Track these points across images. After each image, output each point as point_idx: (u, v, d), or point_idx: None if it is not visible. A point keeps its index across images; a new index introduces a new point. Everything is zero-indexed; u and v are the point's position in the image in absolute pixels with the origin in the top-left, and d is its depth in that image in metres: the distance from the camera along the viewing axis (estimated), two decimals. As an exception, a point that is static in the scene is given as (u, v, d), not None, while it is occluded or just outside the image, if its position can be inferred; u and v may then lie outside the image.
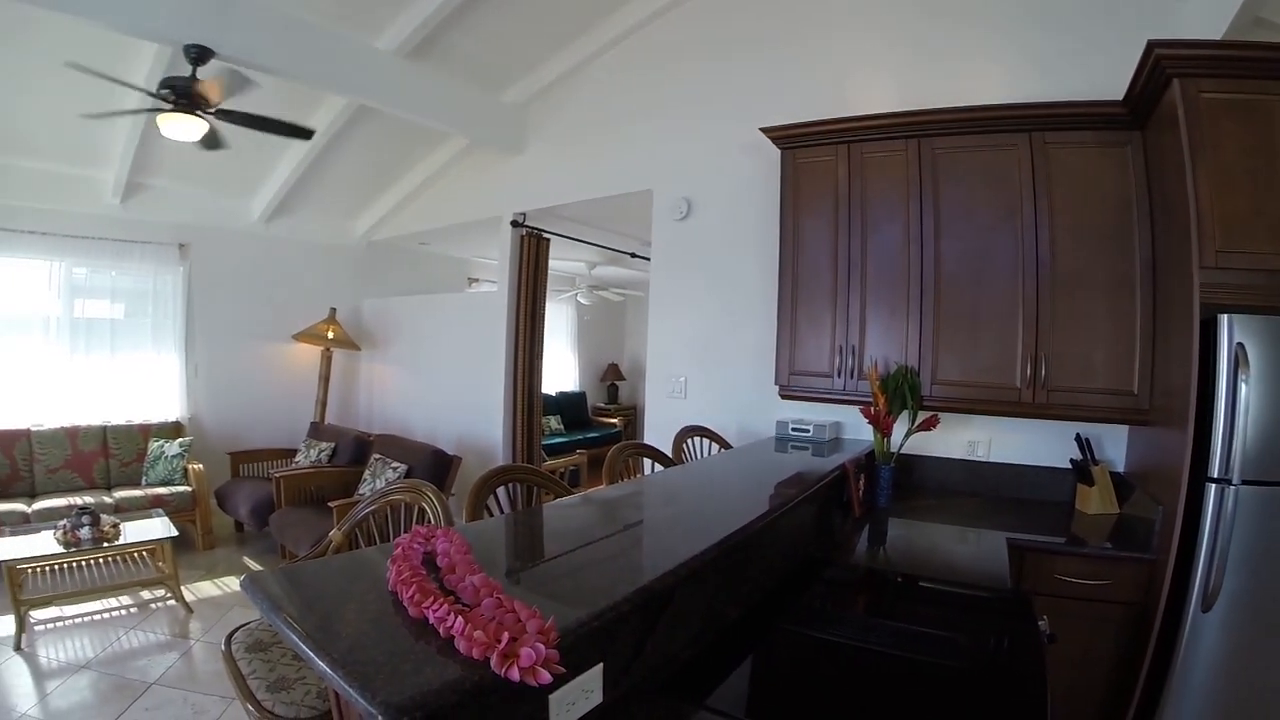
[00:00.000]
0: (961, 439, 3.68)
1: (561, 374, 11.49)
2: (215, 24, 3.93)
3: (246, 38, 4.09)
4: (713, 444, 4.11)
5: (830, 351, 3.65)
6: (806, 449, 3.55)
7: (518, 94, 5.72)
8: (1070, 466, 3.26)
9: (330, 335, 7.32)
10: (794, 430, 3.82)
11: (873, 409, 3.24)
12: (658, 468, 3.45)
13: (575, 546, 1.68)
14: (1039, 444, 3.48)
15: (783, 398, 3.86)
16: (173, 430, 6.38)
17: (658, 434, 4.62)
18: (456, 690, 0.91)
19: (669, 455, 3.62)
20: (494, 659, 0.94)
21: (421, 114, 5.22)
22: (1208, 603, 2.37)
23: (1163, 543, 2.52)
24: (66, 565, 4.36)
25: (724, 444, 4.12)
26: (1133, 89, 2.82)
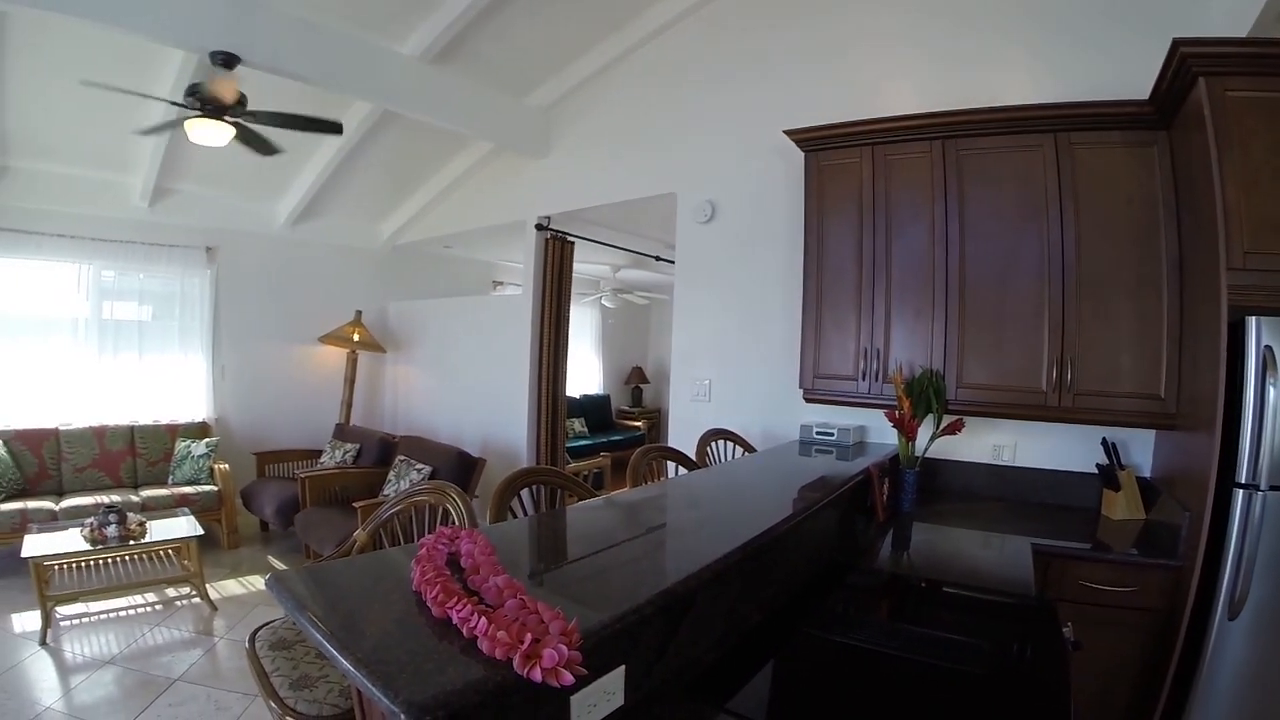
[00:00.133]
0: (986, 443, 3.65)
1: (586, 377, 11.51)
2: (241, 31, 3.99)
3: (273, 44, 4.14)
4: (737, 447, 4.09)
5: (854, 355, 3.63)
6: (830, 453, 3.53)
7: (542, 98, 5.74)
8: (1096, 471, 3.22)
9: (355, 338, 7.37)
10: (818, 434, 3.80)
11: (897, 413, 3.23)
12: (681, 471, 3.45)
13: (598, 549, 1.68)
14: (1065, 448, 3.44)
15: (807, 401, 3.84)
16: (199, 430, 6.46)
17: (682, 437, 4.61)
18: (479, 690, 0.92)
19: (693, 458, 3.62)
20: (517, 660, 0.94)
21: (446, 118, 5.25)
22: (1234, 610, 2.34)
23: (1189, 549, 2.48)
24: (93, 562, 4.43)
25: (748, 447, 4.11)
26: (1158, 88, 2.79)
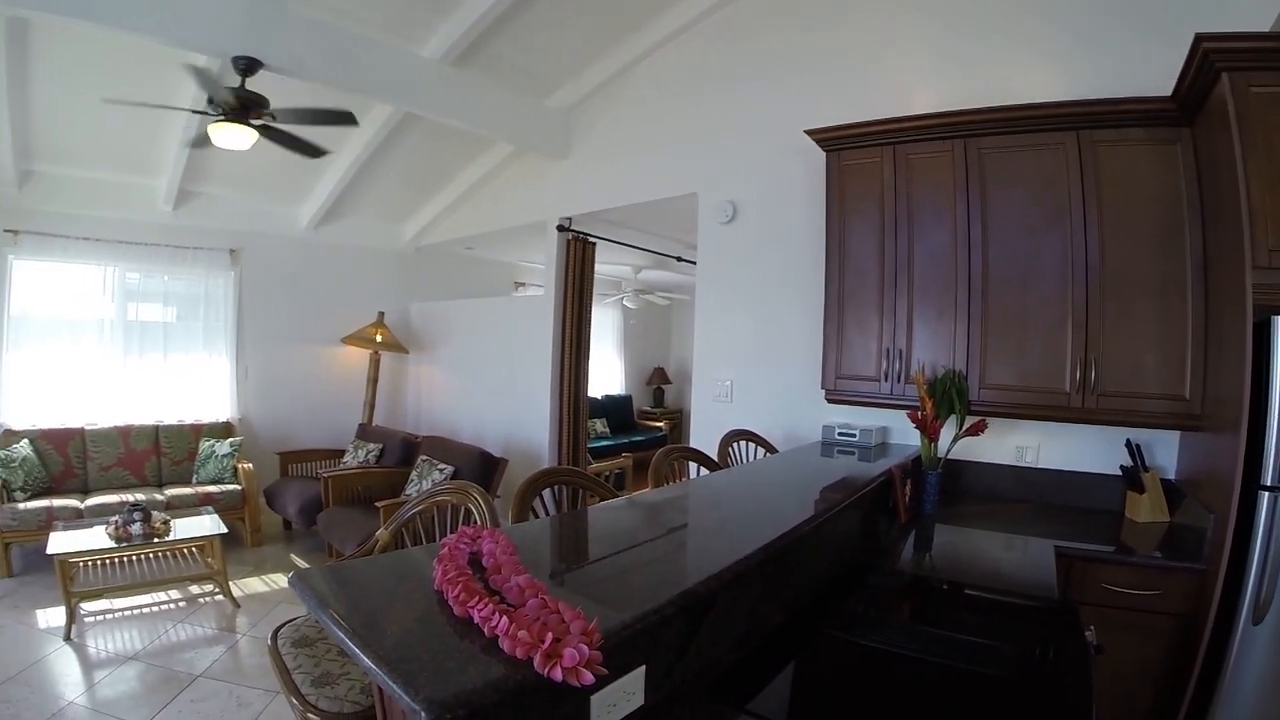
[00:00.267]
0: (1009, 444, 3.61)
1: (607, 377, 11.51)
2: (262, 35, 4.04)
3: (294, 49, 4.19)
4: (758, 448, 4.08)
5: (877, 355, 3.61)
6: (852, 454, 3.51)
7: (562, 99, 5.75)
8: (1120, 473, 3.19)
9: (378, 338, 7.42)
10: (840, 435, 3.79)
11: (919, 414, 3.21)
12: (703, 472, 3.45)
13: (620, 549, 1.69)
14: (1088, 450, 3.40)
15: (829, 402, 3.83)
16: (223, 430, 6.54)
17: (704, 438, 4.61)
18: (499, 689, 0.92)
19: (714, 459, 3.61)
20: (537, 659, 0.95)
21: (467, 121, 5.27)
22: (1259, 615, 2.29)
23: (1214, 552, 2.44)
24: (117, 559, 4.48)
25: (770, 448, 4.10)
26: (1180, 84, 2.75)
